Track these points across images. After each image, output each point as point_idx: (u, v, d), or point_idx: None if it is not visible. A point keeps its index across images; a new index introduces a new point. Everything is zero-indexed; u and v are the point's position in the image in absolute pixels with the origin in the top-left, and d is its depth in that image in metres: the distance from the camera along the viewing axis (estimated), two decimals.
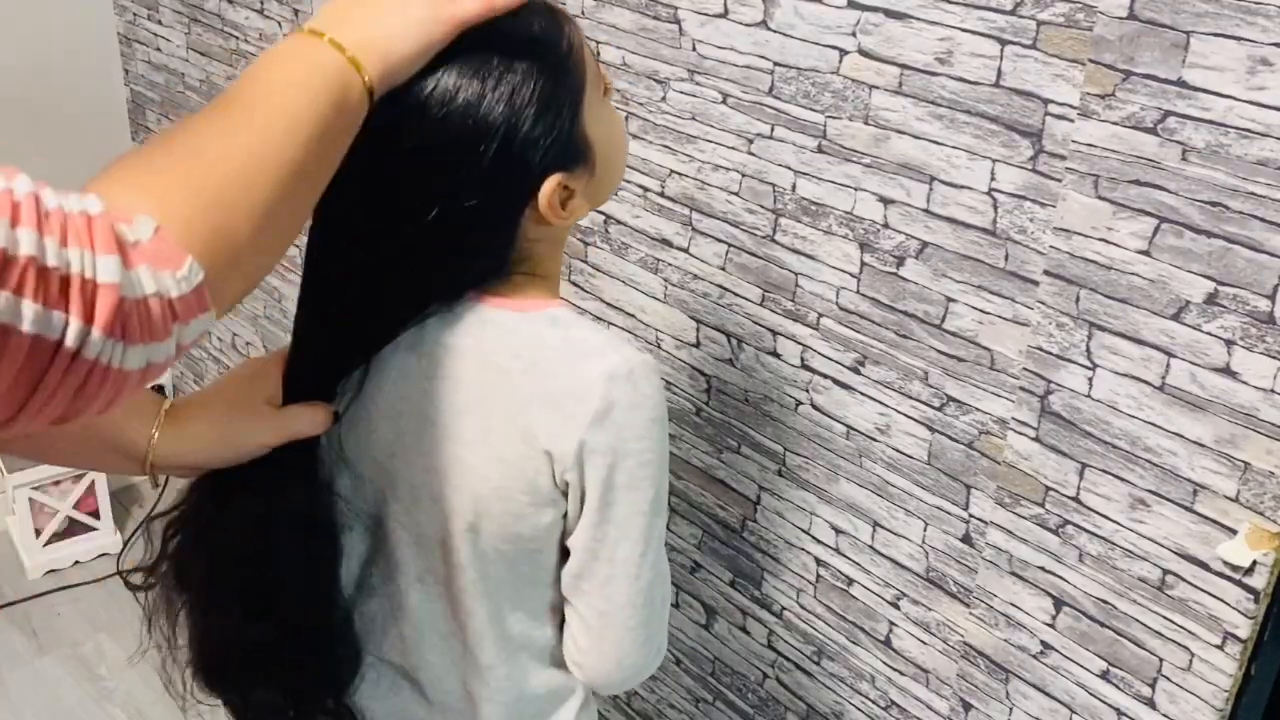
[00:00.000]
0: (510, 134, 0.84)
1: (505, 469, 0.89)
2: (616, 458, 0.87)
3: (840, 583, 1.34)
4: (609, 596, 0.92)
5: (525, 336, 0.89)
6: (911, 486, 1.22)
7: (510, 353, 0.89)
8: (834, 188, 1.19)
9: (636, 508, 0.89)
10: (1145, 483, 1.00)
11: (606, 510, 0.89)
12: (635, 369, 0.87)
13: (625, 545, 0.90)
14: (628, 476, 0.88)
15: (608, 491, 0.88)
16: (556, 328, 0.90)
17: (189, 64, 2.30)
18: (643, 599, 0.92)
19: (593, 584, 0.92)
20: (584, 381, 0.86)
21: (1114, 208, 0.96)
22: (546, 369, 0.88)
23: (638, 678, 0.96)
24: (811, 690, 1.42)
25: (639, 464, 0.88)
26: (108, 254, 0.56)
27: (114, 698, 2.20)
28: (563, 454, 0.87)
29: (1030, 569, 1.12)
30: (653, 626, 0.94)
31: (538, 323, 0.90)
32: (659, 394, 0.89)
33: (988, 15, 1.01)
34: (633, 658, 0.94)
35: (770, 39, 1.20)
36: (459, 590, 0.95)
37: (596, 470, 0.87)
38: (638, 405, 0.87)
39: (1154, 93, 0.91)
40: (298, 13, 1.94)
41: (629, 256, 1.46)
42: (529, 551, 0.93)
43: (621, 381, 0.86)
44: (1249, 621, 0.96)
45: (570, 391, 0.86)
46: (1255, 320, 0.90)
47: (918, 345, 1.16)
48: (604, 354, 0.87)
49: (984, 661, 1.19)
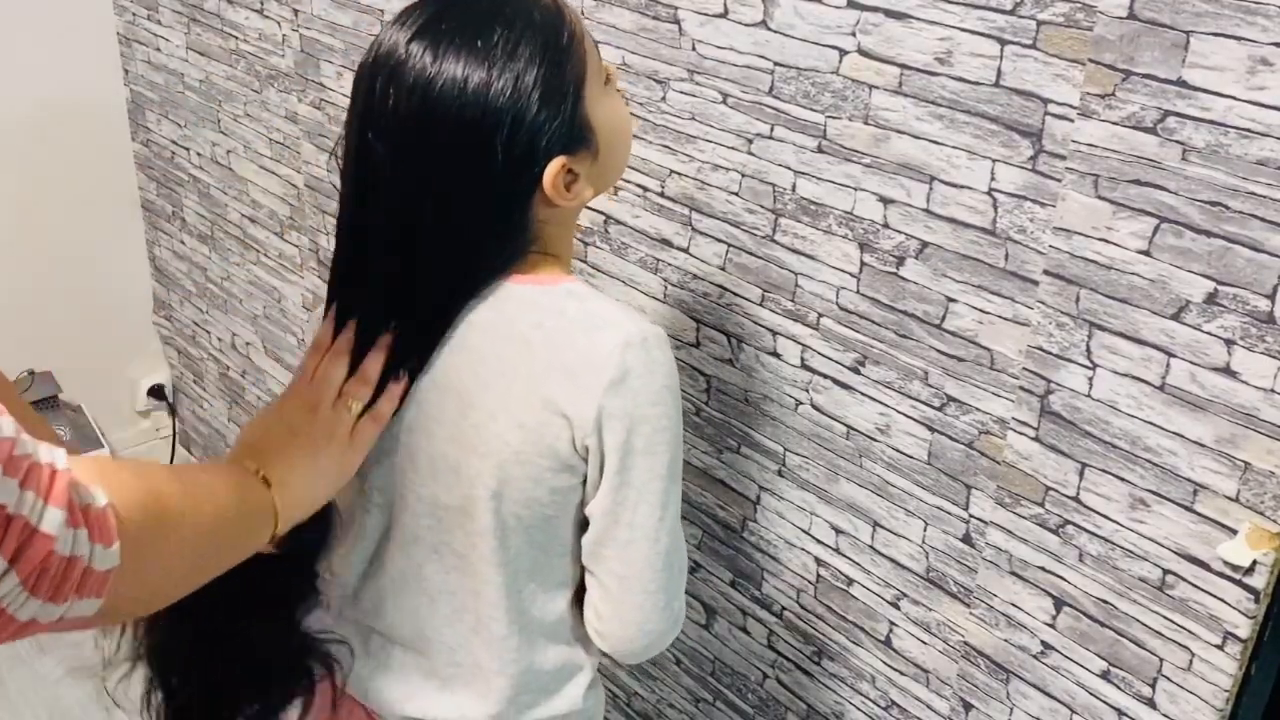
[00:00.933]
0: (518, 118, 0.88)
1: (526, 435, 0.92)
2: (633, 422, 0.90)
3: (840, 583, 1.34)
4: (629, 560, 0.95)
5: (546, 308, 0.93)
6: (911, 486, 1.22)
7: (531, 323, 0.93)
8: (834, 188, 1.19)
9: (654, 472, 0.93)
10: (1145, 483, 1.00)
11: (625, 474, 0.92)
12: (649, 338, 0.91)
13: (644, 509, 0.93)
14: (644, 441, 0.91)
15: (626, 456, 0.91)
16: (574, 300, 0.94)
17: (189, 64, 2.30)
18: (661, 562, 0.95)
19: (613, 548, 0.95)
20: (601, 350, 0.90)
21: (1114, 207, 0.96)
22: (565, 339, 0.91)
23: (659, 644, 0.99)
24: (811, 690, 1.42)
25: (654, 429, 0.92)
26: (57, 506, 0.60)
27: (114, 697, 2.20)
28: (582, 420, 0.90)
29: (1030, 569, 1.12)
30: (671, 591, 0.97)
31: (557, 295, 0.94)
32: (671, 363, 0.93)
33: (988, 15, 1.01)
34: (653, 623, 0.97)
35: (770, 39, 1.20)
36: (477, 559, 0.98)
37: (615, 435, 0.91)
38: (652, 372, 0.91)
39: (1154, 93, 0.91)
40: (297, 12, 1.94)
41: (629, 256, 1.46)
42: (546, 518, 0.96)
43: (636, 349, 0.90)
44: (1249, 621, 0.96)
45: (588, 360, 0.90)
46: (1255, 320, 0.90)
47: (918, 345, 1.16)
48: (619, 324, 0.91)
49: (984, 661, 1.19)
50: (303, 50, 1.96)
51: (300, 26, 1.95)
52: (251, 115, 2.16)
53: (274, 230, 2.20)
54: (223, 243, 2.39)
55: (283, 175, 2.12)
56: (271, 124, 2.11)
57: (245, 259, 2.33)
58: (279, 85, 2.05)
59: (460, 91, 0.87)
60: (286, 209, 2.14)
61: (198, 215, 2.45)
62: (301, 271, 2.17)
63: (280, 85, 2.05)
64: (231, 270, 2.40)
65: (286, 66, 2.02)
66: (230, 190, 2.30)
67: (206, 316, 2.56)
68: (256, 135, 2.16)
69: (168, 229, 2.59)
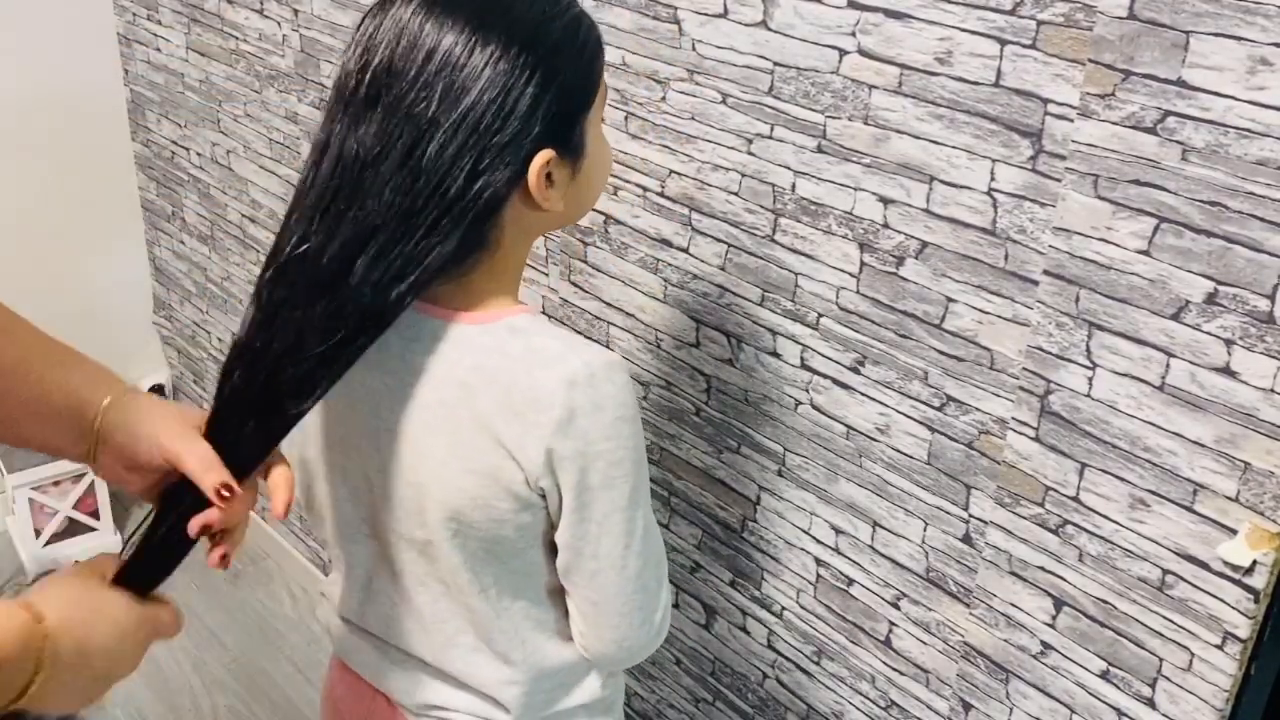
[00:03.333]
0: (543, 83, 0.85)
1: (479, 479, 0.90)
2: (586, 461, 0.88)
3: (840, 583, 1.34)
4: (599, 588, 0.94)
5: (483, 348, 0.90)
6: (911, 486, 1.22)
7: (470, 366, 0.89)
8: (834, 188, 1.19)
9: (614, 505, 0.91)
10: (1145, 483, 1.00)
11: (584, 511, 0.90)
12: (596, 371, 0.87)
13: (607, 541, 0.92)
14: (600, 477, 0.89)
15: (583, 493, 0.89)
16: (517, 337, 0.90)
17: (189, 64, 2.30)
18: (632, 587, 0.94)
19: (581, 577, 0.94)
20: (544, 390, 0.86)
21: (1114, 207, 0.96)
22: (506, 380, 0.88)
23: (642, 654, 0.99)
24: (811, 690, 1.42)
25: (609, 464, 0.89)
26: None
27: (114, 697, 2.20)
28: (531, 463, 0.88)
29: (1030, 569, 1.12)
30: (648, 609, 0.96)
31: (497, 333, 0.90)
32: (623, 392, 0.89)
33: (987, 15, 1.01)
34: (631, 640, 0.96)
35: (770, 39, 1.20)
36: (458, 590, 0.97)
37: (568, 475, 0.88)
38: (600, 408, 0.87)
39: (1154, 93, 0.91)
40: (297, 12, 1.94)
41: (629, 256, 1.46)
42: (516, 550, 0.95)
43: (582, 386, 0.86)
44: (1249, 621, 0.96)
45: (531, 401, 0.87)
46: (1255, 320, 0.90)
47: (917, 345, 1.16)
48: (563, 359, 0.87)
49: (984, 661, 1.19)
50: (303, 50, 1.96)
51: (300, 26, 1.95)
52: (251, 115, 2.16)
53: (274, 230, 2.20)
54: (223, 243, 2.39)
55: (283, 175, 2.12)
56: (271, 124, 2.11)
57: (245, 259, 2.34)
58: (279, 85, 2.05)
59: (492, 56, 0.84)
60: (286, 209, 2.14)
61: (198, 215, 2.45)
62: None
63: (280, 85, 2.05)
64: (231, 270, 2.40)
65: (286, 66, 2.02)
66: (230, 190, 2.30)
67: (206, 316, 2.56)
68: (256, 135, 2.16)
69: (168, 229, 2.59)
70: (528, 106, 0.85)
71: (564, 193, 0.92)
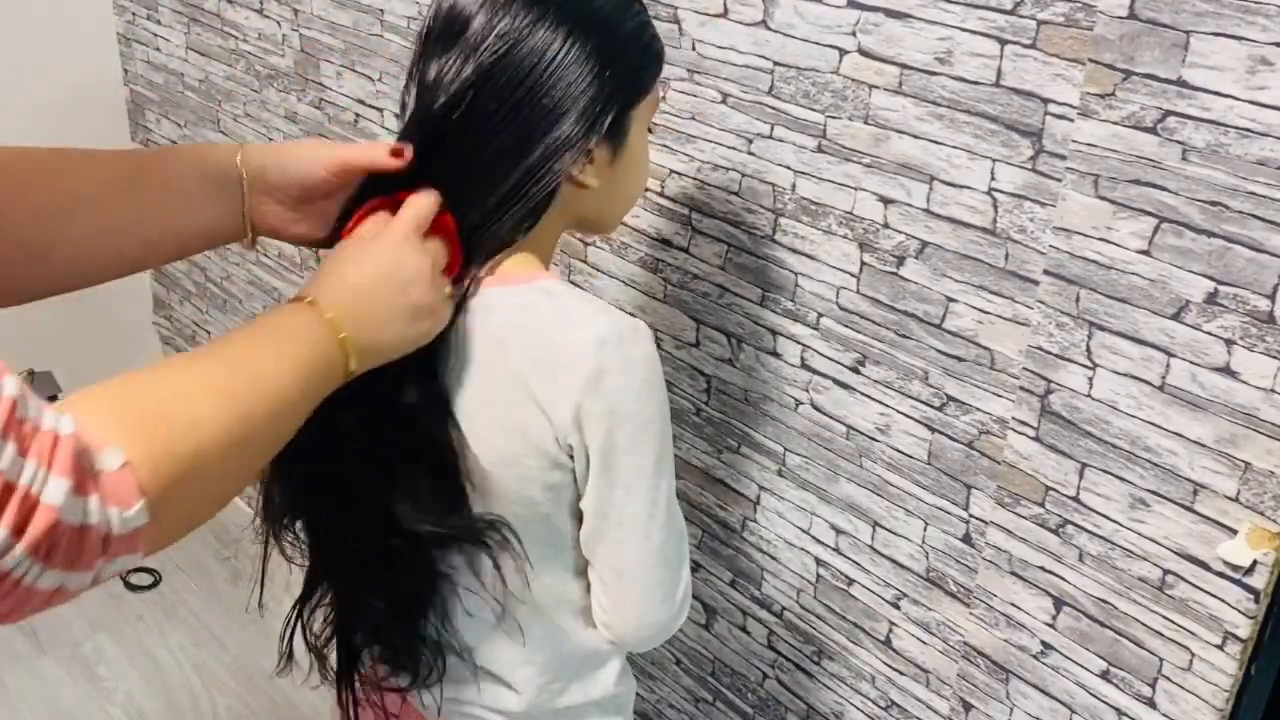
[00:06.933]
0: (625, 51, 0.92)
1: (508, 436, 0.92)
2: (614, 421, 0.90)
3: (840, 583, 1.34)
4: (623, 557, 0.95)
5: (516, 306, 0.92)
6: (911, 486, 1.22)
7: (501, 322, 0.92)
8: (834, 187, 1.19)
9: (640, 470, 0.92)
10: (1145, 483, 1.00)
11: (610, 473, 0.92)
12: (625, 333, 0.89)
13: (632, 506, 0.93)
14: (628, 440, 0.91)
15: (609, 454, 0.91)
16: (548, 298, 0.93)
17: (188, 64, 2.30)
18: (656, 558, 0.95)
19: (606, 545, 0.95)
20: (575, 348, 0.89)
21: (1114, 207, 0.96)
22: (539, 337, 0.91)
23: (663, 634, 0.99)
24: (811, 690, 1.42)
25: (637, 427, 0.91)
26: (61, 476, 0.57)
27: (114, 698, 2.20)
28: (561, 419, 0.90)
29: (1030, 569, 1.12)
30: (669, 585, 0.97)
31: (530, 294, 0.93)
32: (651, 357, 0.91)
33: (987, 15, 1.01)
34: (653, 615, 0.97)
35: (770, 39, 1.20)
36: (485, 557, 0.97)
37: (596, 434, 0.90)
38: (630, 369, 0.89)
39: (1154, 92, 0.91)
40: (297, 12, 1.94)
41: (629, 256, 1.46)
42: (541, 515, 0.96)
43: (611, 347, 0.88)
44: (1249, 621, 0.96)
45: (562, 359, 0.89)
46: (1255, 320, 0.90)
47: (918, 345, 1.16)
48: (594, 321, 0.90)
49: (984, 661, 1.19)
50: (303, 50, 1.96)
51: (300, 26, 1.95)
52: (251, 115, 2.16)
53: None
54: None
55: None
56: (271, 124, 2.11)
57: (245, 259, 2.33)
58: (279, 85, 2.05)
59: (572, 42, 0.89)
60: None
61: None
62: (301, 271, 2.17)
63: (280, 85, 2.05)
64: (231, 270, 2.40)
65: (286, 66, 2.02)
66: None
67: (206, 316, 2.56)
68: (256, 135, 2.16)
69: None
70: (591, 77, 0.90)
71: (600, 175, 0.94)
